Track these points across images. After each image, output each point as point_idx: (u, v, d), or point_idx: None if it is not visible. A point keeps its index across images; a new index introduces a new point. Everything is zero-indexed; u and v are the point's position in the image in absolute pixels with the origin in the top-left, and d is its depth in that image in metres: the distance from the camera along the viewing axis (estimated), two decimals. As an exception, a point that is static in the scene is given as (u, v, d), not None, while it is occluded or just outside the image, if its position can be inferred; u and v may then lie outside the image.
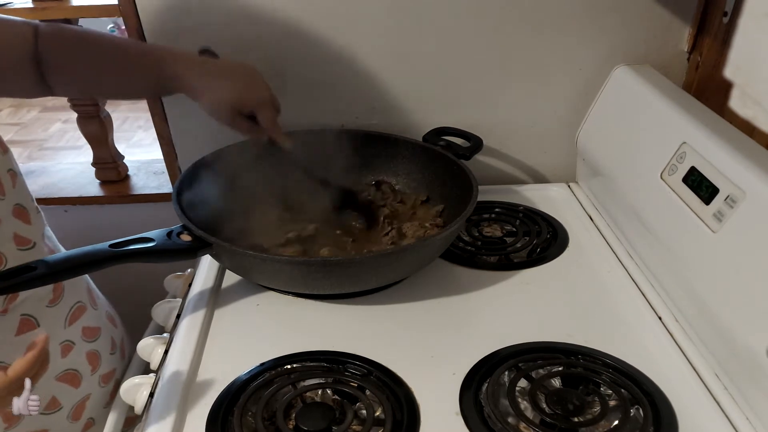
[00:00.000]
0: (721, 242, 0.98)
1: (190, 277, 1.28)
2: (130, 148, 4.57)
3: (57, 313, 1.13)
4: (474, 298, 1.20)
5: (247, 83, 1.17)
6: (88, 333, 1.19)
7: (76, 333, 1.16)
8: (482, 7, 1.37)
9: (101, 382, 1.22)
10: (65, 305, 1.15)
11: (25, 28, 1.07)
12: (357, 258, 1.19)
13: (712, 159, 1.05)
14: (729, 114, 1.22)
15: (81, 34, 1.15)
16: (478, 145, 1.40)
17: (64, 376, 1.13)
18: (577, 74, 1.46)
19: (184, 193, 1.20)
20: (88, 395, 1.19)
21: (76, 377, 1.16)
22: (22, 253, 1.05)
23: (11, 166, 1.06)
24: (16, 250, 1.04)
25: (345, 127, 1.51)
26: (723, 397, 0.97)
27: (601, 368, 1.01)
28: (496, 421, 0.92)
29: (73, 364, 1.15)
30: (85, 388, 1.18)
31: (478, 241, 1.37)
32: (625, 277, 1.23)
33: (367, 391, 0.97)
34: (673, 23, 1.40)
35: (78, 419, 1.18)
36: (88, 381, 1.18)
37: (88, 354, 1.19)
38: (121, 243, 1.02)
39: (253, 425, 0.92)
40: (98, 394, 1.21)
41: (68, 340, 1.15)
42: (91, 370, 1.19)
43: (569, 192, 1.55)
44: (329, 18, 1.38)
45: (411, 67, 1.45)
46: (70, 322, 1.15)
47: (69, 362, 1.15)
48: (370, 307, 1.17)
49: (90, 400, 1.19)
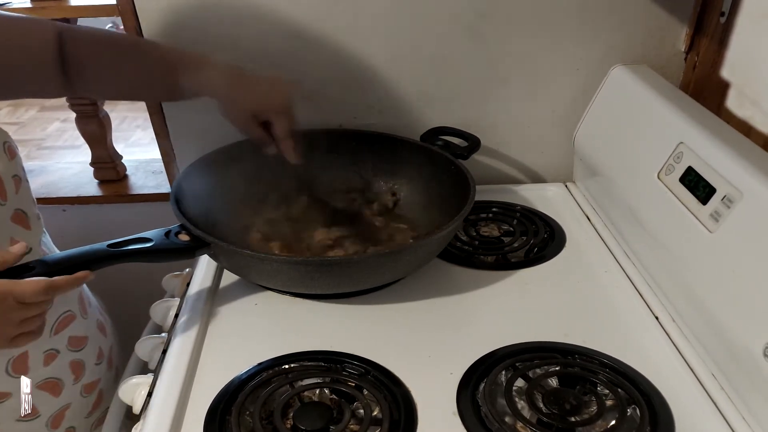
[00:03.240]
0: (718, 242, 0.98)
1: (188, 277, 1.29)
2: (129, 147, 4.55)
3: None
4: (471, 297, 1.20)
5: (268, 90, 1.17)
6: (75, 342, 1.18)
7: (62, 342, 1.15)
8: (479, 7, 1.37)
9: (83, 392, 1.21)
10: (53, 313, 1.13)
11: (49, 28, 1.07)
12: (355, 258, 1.19)
13: (709, 159, 1.06)
14: (726, 114, 1.22)
15: (104, 34, 1.16)
16: (475, 145, 1.40)
17: (44, 384, 1.12)
18: (575, 74, 1.46)
19: (182, 193, 1.20)
20: (68, 404, 1.18)
21: (57, 386, 1.15)
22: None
23: (16, 172, 1.06)
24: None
25: (343, 126, 1.51)
26: (720, 397, 0.97)
27: (598, 368, 1.01)
28: (493, 421, 0.92)
29: (55, 373, 1.14)
30: (65, 396, 1.17)
31: (476, 240, 1.37)
32: (622, 277, 1.24)
33: (365, 391, 0.98)
34: (671, 23, 1.40)
35: (57, 428, 1.17)
36: (70, 390, 1.17)
37: (72, 363, 1.17)
38: (119, 243, 1.03)
39: (251, 425, 0.92)
40: (80, 403, 1.20)
41: (53, 348, 1.13)
42: (74, 379, 1.18)
43: (566, 192, 1.55)
44: (328, 18, 1.38)
45: (409, 67, 1.45)
46: (56, 331, 1.14)
47: (51, 371, 1.13)
48: (368, 307, 1.17)
49: (70, 410, 1.18)
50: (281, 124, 1.17)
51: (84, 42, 1.10)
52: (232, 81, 1.16)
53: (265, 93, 1.17)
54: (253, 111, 1.15)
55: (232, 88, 1.15)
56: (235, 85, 1.15)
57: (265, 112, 1.16)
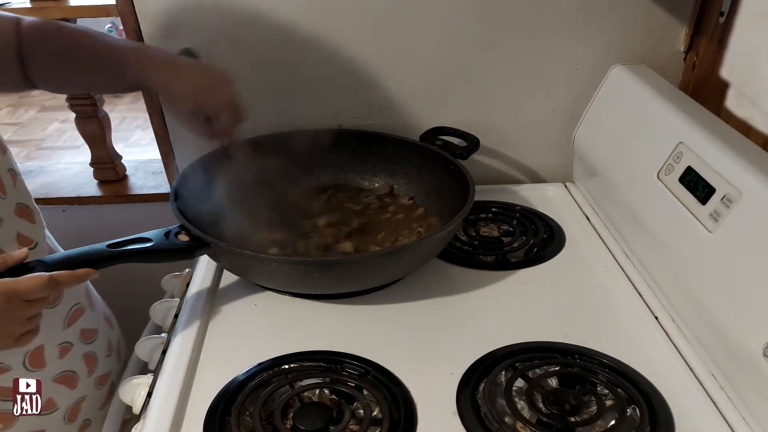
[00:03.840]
0: (717, 242, 0.98)
1: (188, 277, 1.29)
2: (128, 147, 4.56)
3: (56, 315, 1.13)
4: (471, 297, 1.20)
5: (208, 85, 1.13)
6: (86, 335, 1.19)
7: (75, 334, 1.16)
8: (479, 7, 1.38)
9: (97, 384, 1.22)
10: (64, 306, 1.15)
11: (7, 22, 1.07)
12: (354, 258, 1.19)
13: (708, 159, 1.06)
14: (725, 114, 1.22)
15: (59, 28, 1.14)
16: (475, 145, 1.40)
17: (61, 377, 1.13)
18: (574, 74, 1.46)
19: (182, 193, 1.20)
20: (83, 397, 1.19)
21: (73, 379, 1.16)
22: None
23: (11, 166, 1.07)
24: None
25: (342, 126, 1.52)
26: (719, 398, 0.97)
27: (597, 368, 1.01)
28: (493, 421, 0.92)
29: (70, 366, 1.15)
30: (81, 389, 1.18)
31: (475, 240, 1.37)
32: (621, 277, 1.24)
33: (365, 391, 0.98)
34: (670, 23, 1.40)
35: (74, 420, 1.18)
36: (85, 382, 1.18)
37: (85, 356, 1.19)
38: (119, 243, 1.03)
39: (251, 425, 0.93)
40: (94, 395, 1.21)
41: (67, 341, 1.14)
42: (88, 371, 1.19)
43: (566, 192, 1.55)
44: (327, 19, 1.38)
45: (409, 67, 1.45)
46: (68, 324, 1.15)
47: (66, 363, 1.15)
48: (368, 307, 1.17)
49: (86, 402, 1.19)
50: (222, 120, 1.14)
51: (39, 35, 1.10)
52: (169, 73, 1.12)
53: (205, 87, 1.13)
54: (193, 105, 1.12)
55: (169, 80, 1.11)
56: (171, 78, 1.11)
57: (204, 109, 1.13)
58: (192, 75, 1.13)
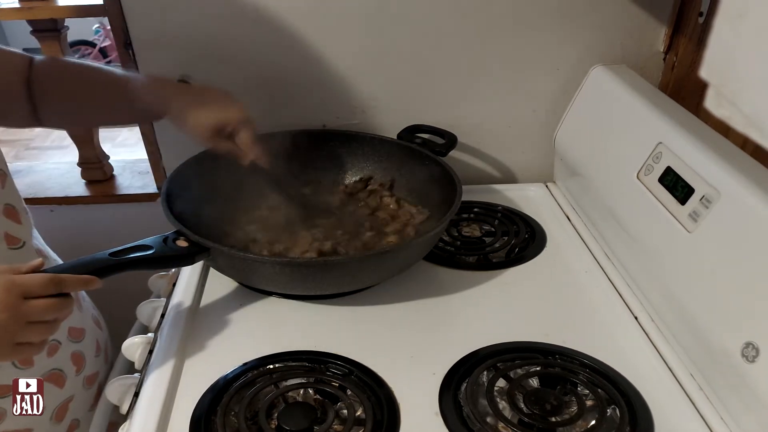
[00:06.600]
0: (696, 242, 0.99)
1: (174, 277, 1.29)
2: (116, 147, 4.54)
3: None
4: (453, 298, 1.21)
5: (223, 106, 1.17)
6: (74, 333, 1.19)
7: (63, 333, 1.17)
8: (460, 7, 1.39)
9: (85, 384, 1.22)
10: None
11: (20, 59, 1.10)
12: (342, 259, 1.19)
13: (687, 159, 1.07)
14: (704, 114, 1.23)
15: (70, 66, 1.19)
16: (452, 142, 1.42)
17: (49, 375, 1.14)
18: (555, 74, 1.48)
19: (173, 198, 1.21)
20: (71, 396, 1.19)
21: (61, 377, 1.16)
22: (11, 252, 1.06)
23: (1, 167, 1.07)
24: (7, 249, 1.05)
25: (327, 126, 1.53)
26: (698, 397, 0.98)
27: (578, 368, 1.02)
28: (475, 421, 0.94)
29: (58, 364, 1.15)
30: (68, 389, 1.18)
31: (458, 241, 1.38)
32: (602, 278, 1.25)
33: (348, 391, 0.99)
34: (649, 23, 1.42)
35: (61, 420, 1.18)
36: (72, 382, 1.19)
37: (73, 355, 1.19)
38: (120, 251, 1.02)
39: (236, 425, 0.93)
40: (82, 396, 1.22)
41: (55, 339, 1.14)
42: (76, 371, 1.19)
43: (547, 192, 1.57)
44: (310, 19, 1.39)
45: (391, 67, 1.46)
46: None
47: (54, 362, 1.15)
48: (352, 308, 1.18)
49: (73, 402, 1.19)
50: (244, 134, 1.17)
51: (51, 71, 1.14)
52: (188, 101, 1.16)
53: (223, 107, 1.17)
54: (217, 126, 1.15)
55: (189, 107, 1.16)
56: (191, 105, 1.16)
57: (229, 125, 1.16)
58: (208, 99, 1.18)
